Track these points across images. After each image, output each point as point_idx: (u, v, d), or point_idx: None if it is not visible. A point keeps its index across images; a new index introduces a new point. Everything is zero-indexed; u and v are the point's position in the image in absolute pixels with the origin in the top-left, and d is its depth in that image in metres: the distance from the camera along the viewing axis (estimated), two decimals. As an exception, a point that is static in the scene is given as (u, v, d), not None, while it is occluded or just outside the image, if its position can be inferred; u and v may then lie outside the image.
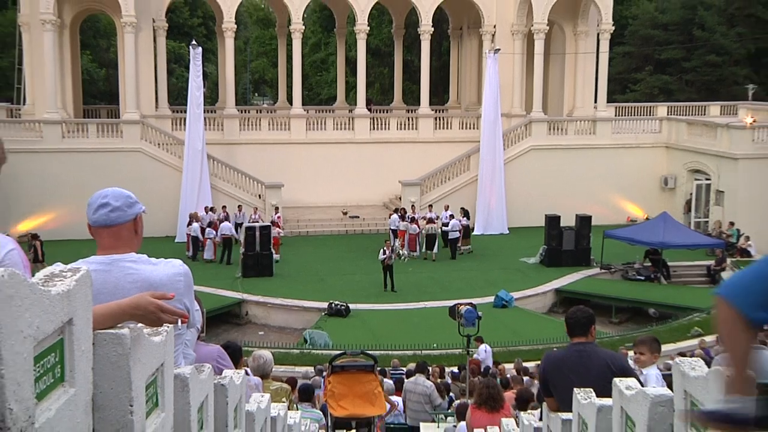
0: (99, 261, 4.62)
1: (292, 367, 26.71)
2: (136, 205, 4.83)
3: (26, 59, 47.94)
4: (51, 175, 42.65)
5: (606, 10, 49.23)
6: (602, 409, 6.63)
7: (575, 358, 7.89)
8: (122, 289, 4.51)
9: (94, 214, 4.78)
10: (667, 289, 38.65)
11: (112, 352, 3.56)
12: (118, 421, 3.59)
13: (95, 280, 4.48)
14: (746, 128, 44.21)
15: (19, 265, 3.74)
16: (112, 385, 3.55)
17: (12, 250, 3.77)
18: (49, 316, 2.87)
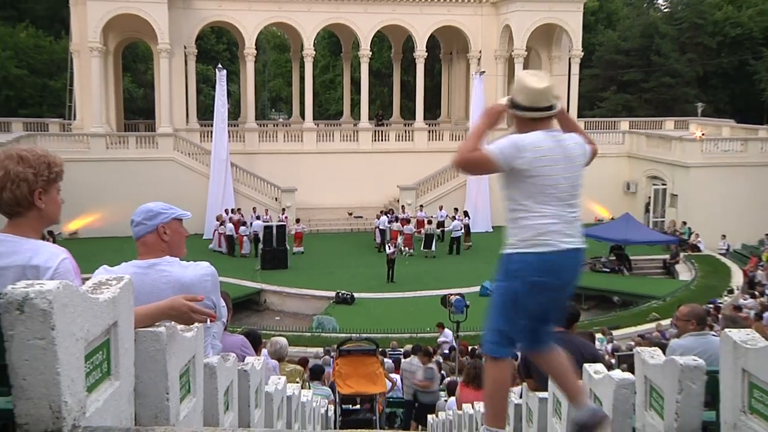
0: (139, 265, 4.67)
1: (304, 348, 26.69)
2: (160, 216, 4.78)
3: (76, 81, 48.13)
4: (96, 181, 42.61)
5: (576, 38, 49.43)
6: (574, 390, 6.66)
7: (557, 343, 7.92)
8: (158, 288, 4.55)
9: (132, 228, 4.83)
10: (629, 279, 38.85)
11: (151, 347, 3.60)
12: (156, 407, 3.64)
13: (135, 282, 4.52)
14: (696, 141, 44.31)
15: (71, 272, 3.75)
16: (150, 376, 3.59)
17: (65, 259, 3.75)
18: (97, 320, 2.92)
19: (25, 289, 2.51)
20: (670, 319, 30.40)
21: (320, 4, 49.69)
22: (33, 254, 3.70)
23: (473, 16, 51.15)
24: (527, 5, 48.64)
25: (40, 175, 3.76)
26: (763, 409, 3.95)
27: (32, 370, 2.54)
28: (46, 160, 3.81)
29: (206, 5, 48.24)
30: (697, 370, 4.78)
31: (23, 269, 3.67)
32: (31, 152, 3.83)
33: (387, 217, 42.37)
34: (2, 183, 3.75)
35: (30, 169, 3.75)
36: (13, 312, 2.49)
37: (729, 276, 37.68)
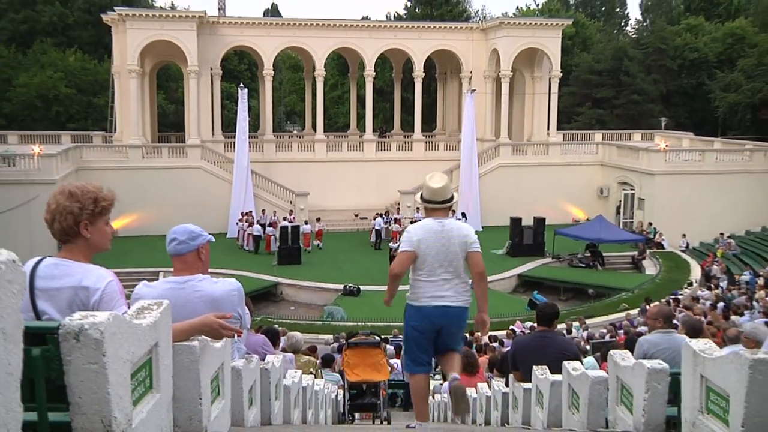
0: (175, 281, 4.66)
1: (316, 335, 26.70)
2: (200, 237, 4.77)
3: (117, 99, 48.11)
4: (134, 186, 42.49)
5: (555, 60, 49.38)
6: (554, 383, 6.70)
7: (538, 342, 7.98)
8: (192, 302, 4.56)
9: (168, 245, 4.74)
10: (602, 274, 38.61)
11: (186, 359, 3.64)
12: (191, 410, 3.68)
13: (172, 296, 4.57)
14: (660, 151, 44.20)
15: (117, 293, 3.72)
16: (185, 384, 3.64)
17: (111, 281, 3.73)
18: (141, 343, 2.96)
19: (80, 321, 2.56)
20: (638, 308, 30.57)
21: (330, 30, 49.66)
22: (83, 277, 3.71)
23: (465, 41, 51.13)
24: (512, 31, 48.66)
25: (85, 209, 3.78)
26: (718, 411, 4.00)
27: (86, 390, 2.58)
28: (93, 196, 3.83)
29: (230, 32, 48.27)
30: (662, 373, 4.83)
31: (75, 290, 3.69)
32: (80, 188, 3.86)
33: (382, 218, 42.17)
34: (53, 215, 3.81)
35: (77, 203, 3.78)
36: (71, 341, 2.54)
37: (689, 270, 37.71)
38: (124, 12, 45.40)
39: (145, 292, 4.67)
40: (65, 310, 3.71)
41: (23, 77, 54.45)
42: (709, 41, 63.77)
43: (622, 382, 5.27)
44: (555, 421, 6.66)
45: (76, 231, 3.80)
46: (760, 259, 39.00)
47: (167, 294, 4.62)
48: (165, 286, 4.67)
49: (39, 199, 36.98)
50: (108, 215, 3.92)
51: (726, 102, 58.33)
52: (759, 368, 3.54)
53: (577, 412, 6.02)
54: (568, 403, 6.33)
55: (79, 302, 3.70)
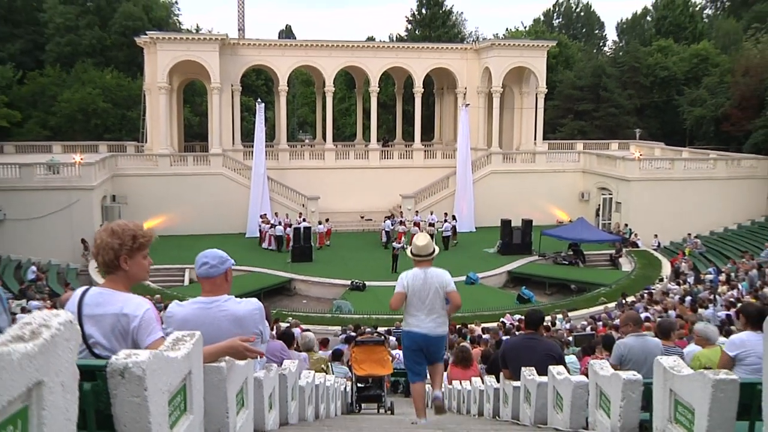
0: (203, 301, 4.68)
1: (325, 326, 26.67)
2: (227, 261, 4.77)
3: (148, 112, 48.26)
4: (162, 191, 42.72)
5: (541, 77, 49.22)
6: (540, 384, 6.73)
7: (526, 344, 8.03)
8: (218, 320, 4.60)
9: (199, 268, 4.73)
10: (583, 270, 38.60)
11: (215, 378, 3.68)
12: (219, 423, 3.73)
13: (200, 315, 4.64)
14: (635, 160, 44.05)
15: (153, 319, 3.77)
16: (214, 400, 3.68)
17: (148, 309, 3.78)
18: (177, 374, 3.01)
19: (125, 360, 2.61)
20: (615, 302, 30.52)
21: (339, 51, 49.69)
22: (124, 305, 3.77)
23: (460, 60, 51.07)
24: (503, 52, 48.64)
25: (124, 245, 3.84)
26: (685, 422, 4.06)
27: (130, 420, 2.64)
28: (132, 233, 3.89)
29: (249, 52, 48.31)
30: (636, 383, 4.87)
31: (117, 316, 3.74)
32: (121, 226, 3.92)
33: (391, 221, 42.21)
34: (98, 250, 3.89)
35: (117, 240, 3.84)
36: (117, 377, 2.59)
37: (660, 267, 37.71)
38: (155, 35, 45.62)
39: (177, 311, 4.72)
40: (108, 334, 3.77)
41: (66, 94, 54.61)
42: (678, 61, 63.70)
43: (600, 389, 5.30)
44: (541, 418, 6.70)
45: (116, 264, 3.86)
46: (723, 256, 39.00)
47: (196, 313, 4.68)
48: (194, 306, 4.71)
49: (79, 202, 37.23)
50: (146, 250, 3.96)
51: (693, 115, 58.33)
52: (720, 387, 3.61)
53: (561, 412, 6.07)
54: (552, 403, 6.37)
55: (120, 327, 3.75)
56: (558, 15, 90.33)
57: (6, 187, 36.19)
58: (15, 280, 32.09)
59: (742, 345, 7.19)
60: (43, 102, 55.18)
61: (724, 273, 34.24)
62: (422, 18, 69.91)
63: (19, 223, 35.97)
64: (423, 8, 70.08)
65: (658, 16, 76.49)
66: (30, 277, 32.22)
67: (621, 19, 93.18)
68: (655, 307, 28.13)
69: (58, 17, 59.56)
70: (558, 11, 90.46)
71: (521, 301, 32.47)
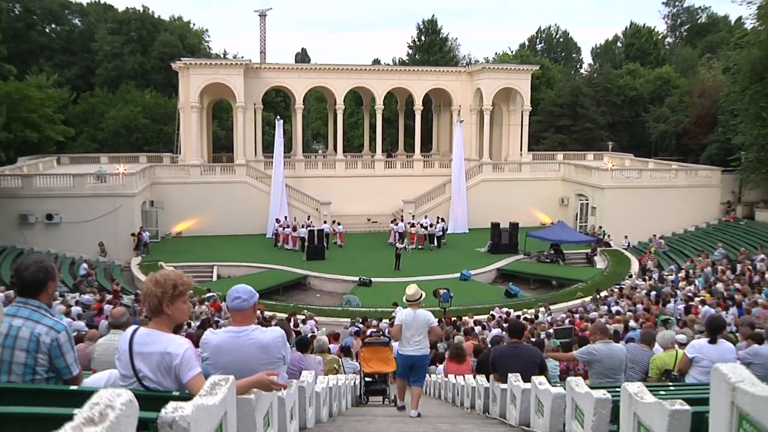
0: (233, 330, 4.72)
1: (336, 318, 26.69)
2: (255, 296, 4.82)
3: (182, 128, 48.28)
4: (194, 197, 42.82)
5: (526, 97, 49.23)
6: (525, 391, 6.78)
7: (512, 351, 8.10)
8: (246, 347, 4.65)
9: (232, 302, 4.76)
10: (563, 268, 38.53)
11: (245, 408, 3.76)
12: (249, 444, 3.80)
13: (232, 343, 4.72)
14: (608, 170, 44.08)
15: (192, 358, 3.84)
16: (245, 426, 3.76)
17: (187, 348, 3.85)
18: (214, 418, 3.09)
19: (173, 413, 2.69)
20: (590, 296, 30.47)
21: (348, 73, 49.73)
22: (167, 344, 3.86)
23: (455, 81, 51.01)
24: (492, 74, 48.70)
25: (166, 293, 3.92)
26: (647, 441, 4.12)
27: (178, 461, 2.73)
28: (173, 283, 3.95)
29: (269, 75, 48.31)
30: (606, 401, 4.93)
31: (162, 354, 3.83)
32: (164, 276, 4.00)
33: (402, 223, 41.95)
34: (144, 297, 3.99)
35: (160, 289, 3.92)
36: (166, 428, 2.68)
37: (629, 265, 37.66)
38: (188, 61, 45.65)
39: (212, 338, 4.79)
40: (155, 369, 3.86)
41: (113, 112, 54.88)
42: (644, 83, 63.61)
43: (576, 403, 5.37)
44: (525, 420, 6.77)
45: (160, 309, 3.94)
46: (683, 255, 38.99)
47: (228, 340, 4.75)
48: (226, 334, 4.77)
49: (122, 207, 37.35)
50: (185, 296, 4.03)
51: (657, 130, 58.43)
52: (675, 416, 3.69)
53: (542, 417, 6.13)
54: (535, 409, 6.44)
55: (165, 364, 3.84)
56: (540, 40, 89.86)
57: (62, 195, 36.46)
58: (69, 275, 32.27)
59: (700, 350, 7.68)
60: (93, 119, 55.44)
61: (684, 270, 34.23)
62: (422, 44, 69.84)
63: (73, 225, 36.17)
64: (422, 35, 70.08)
65: (627, 43, 76.40)
66: (82, 272, 32.30)
67: (595, 44, 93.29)
68: (626, 301, 28.14)
69: (106, 46, 60.28)
70: (540, 37, 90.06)
71: (508, 295, 32.41)
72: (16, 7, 59.91)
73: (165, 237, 41.66)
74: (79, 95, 57.96)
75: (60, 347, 4.08)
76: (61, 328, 4.14)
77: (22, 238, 35.41)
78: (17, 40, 58.05)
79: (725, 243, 38.29)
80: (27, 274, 4.12)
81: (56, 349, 4.07)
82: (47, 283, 4.17)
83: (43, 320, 4.09)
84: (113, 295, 27.04)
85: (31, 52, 60.93)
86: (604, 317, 24.54)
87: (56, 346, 4.07)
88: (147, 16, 62.65)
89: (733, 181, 44.85)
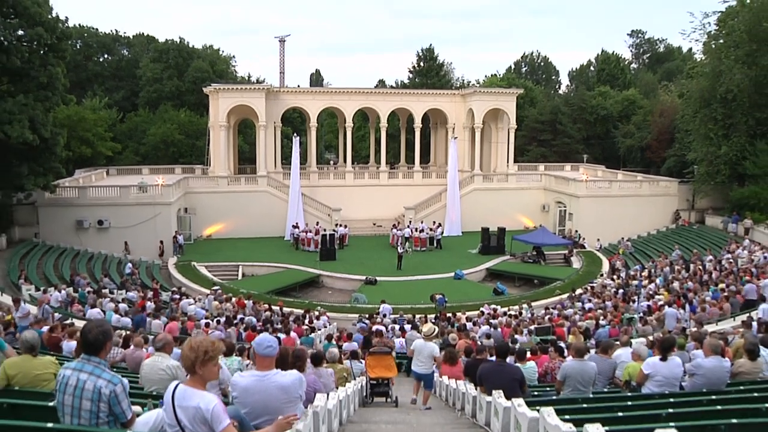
0: (258, 375, 4.82)
1: (346, 314, 26.66)
2: (278, 345, 4.95)
3: (211, 143, 48.31)
4: (221, 204, 42.91)
5: (512, 116, 49.03)
6: (506, 408, 6.81)
7: (497, 369, 8.13)
8: (269, 389, 4.75)
9: (264, 350, 4.85)
10: (544, 267, 38.35)
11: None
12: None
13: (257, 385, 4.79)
14: (583, 181, 44.02)
15: (220, 411, 3.93)
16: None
17: (216, 404, 3.94)
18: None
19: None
20: (567, 294, 30.28)
21: (356, 95, 49.80)
22: (200, 400, 3.95)
23: (450, 102, 50.93)
24: (483, 97, 48.68)
25: (198, 357, 4.03)
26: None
27: None
28: (204, 348, 4.06)
29: (287, 97, 48.38)
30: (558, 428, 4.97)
31: (196, 408, 3.94)
32: (198, 343, 4.10)
33: (408, 229, 41.80)
34: (182, 357, 4.13)
35: (193, 353, 4.04)
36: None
37: (601, 264, 37.56)
38: (217, 86, 45.75)
39: (239, 381, 4.88)
40: (192, 420, 3.97)
41: (153, 129, 55.06)
42: (613, 103, 63.33)
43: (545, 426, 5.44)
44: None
45: (193, 370, 4.05)
46: (646, 255, 38.97)
47: (253, 383, 4.84)
48: (252, 378, 4.85)
49: (161, 214, 37.47)
50: (215, 360, 4.12)
51: (625, 145, 58.29)
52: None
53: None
54: (514, 425, 6.50)
55: (199, 416, 3.94)
56: (525, 64, 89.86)
57: (110, 203, 36.73)
58: (117, 273, 32.47)
59: (654, 367, 7.86)
60: (136, 135, 55.61)
61: (647, 269, 34.22)
62: (421, 69, 69.88)
63: (119, 230, 36.36)
64: (421, 62, 70.17)
65: (599, 68, 76.18)
66: (127, 271, 32.46)
67: (572, 68, 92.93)
68: (596, 300, 28.05)
69: (149, 72, 60.77)
70: (525, 61, 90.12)
71: (496, 293, 32.27)
72: (78, 42, 60.63)
73: (197, 239, 41.74)
74: (125, 115, 58.40)
75: (117, 397, 4.43)
76: (117, 382, 4.47)
77: (78, 241, 35.70)
78: (77, 70, 59.54)
79: (680, 245, 38.32)
80: (90, 337, 4.49)
81: (114, 398, 4.42)
82: (106, 343, 4.57)
83: (103, 375, 4.46)
84: (153, 293, 27.20)
85: (87, 79, 62.33)
86: (578, 314, 24.58)
87: (114, 396, 4.42)
88: (183, 46, 62.77)
89: (688, 191, 44.75)
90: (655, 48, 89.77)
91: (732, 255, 32.54)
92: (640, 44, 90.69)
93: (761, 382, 8.29)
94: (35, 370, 6.40)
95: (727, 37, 39.31)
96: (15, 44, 29.48)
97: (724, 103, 39.06)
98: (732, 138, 39.52)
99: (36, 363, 6.48)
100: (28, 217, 35.82)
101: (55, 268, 31.24)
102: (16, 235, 35.09)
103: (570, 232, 43.48)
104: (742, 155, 39.14)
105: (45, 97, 31.26)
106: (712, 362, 7.67)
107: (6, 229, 34.51)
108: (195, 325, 18.95)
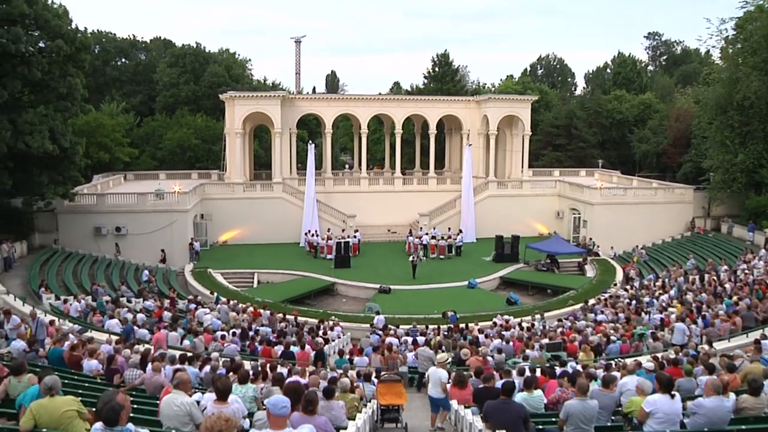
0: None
1: (360, 324, 26.73)
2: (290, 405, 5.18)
3: (227, 149, 48.64)
4: (237, 211, 43.34)
5: (527, 122, 48.83)
6: (509, 448, 7.01)
7: (502, 407, 8.28)
8: None
9: (279, 410, 5.03)
10: (558, 276, 38.20)
11: None
12: None
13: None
14: (597, 189, 43.80)
15: None
16: None
17: None
18: None
19: None
20: (581, 304, 30.11)
21: (371, 102, 50.10)
22: None
23: (465, 108, 50.96)
24: (497, 104, 48.68)
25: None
26: None
27: None
28: (220, 428, 4.33)
29: (303, 104, 48.78)
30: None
31: None
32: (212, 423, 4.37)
33: (426, 235, 41.93)
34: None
35: None
36: None
37: (615, 273, 37.32)
38: (233, 94, 46.24)
39: None
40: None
41: (169, 134, 55.56)
42: (629, 107, 62.84)
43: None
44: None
45: None
46: (660, 264, 38.74)
47: None
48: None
49: (177, 221, 37.96)
50: None
51: (640, 150, 57.99)
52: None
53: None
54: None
55: None
56: (540, 67, 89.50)
57: (128, 210, 37.23)
58: (134, 281, 32.90)
59: (654, 404, 7.93)
60: (153, 140, 56.23)
61: (660, 279, 34.01)
62: (436, 74, 69.80)
63: (136, 237, 36.89)
64: (436, 67, 70.12)
65: (615, 71, 75.66)
66: (144, 278, 32.91)
67: (588, 70, 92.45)
68: (610, 310, 28.00)
69: (165, 77, 61.26)
70: (540, 64, 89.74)
71: (509, 303, 32.15)
72: (96, 47, 61.42)
73: (213, 245, 42.22)
74: (142, 120, 58.95)
75: None
76: None
77: (96, 247, 36.28)
78: (95, 75, 60.36)
79: (695, 253, 38.10)
80: (103, 416, 4.94)
81: None
82: (120, 414, 4.94)
83: None
84: (170, 302, 27.63)
85: (105, 83, 63.19)
86: (590, 327, 24.55)
87: None
88: (199, 50, 63.36)
89: (703, 198, 44.39)
90: (672, 50, 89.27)
91: (748, 265, 32.30)
92: (657, 46, 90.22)
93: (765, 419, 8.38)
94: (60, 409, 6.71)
95: (745, 42, 39.06)
96: (36, 56, 30.11)
97: (740, 110, 38.83)
98: (749, 146, 39.27)
99: (59, 402, 6.79)
100: (48, 223, 36.51)
101: (74, 275, 31.81)
102: (36, 241, 35.84)
103: (584, 239, 43.32)
104: (759, 163, 38.87)
105: (64, 107, 31.90)
106: (714, 402, 7.79)
107: (27, 235, 35.26)
108: (212, 338, 19.31)
